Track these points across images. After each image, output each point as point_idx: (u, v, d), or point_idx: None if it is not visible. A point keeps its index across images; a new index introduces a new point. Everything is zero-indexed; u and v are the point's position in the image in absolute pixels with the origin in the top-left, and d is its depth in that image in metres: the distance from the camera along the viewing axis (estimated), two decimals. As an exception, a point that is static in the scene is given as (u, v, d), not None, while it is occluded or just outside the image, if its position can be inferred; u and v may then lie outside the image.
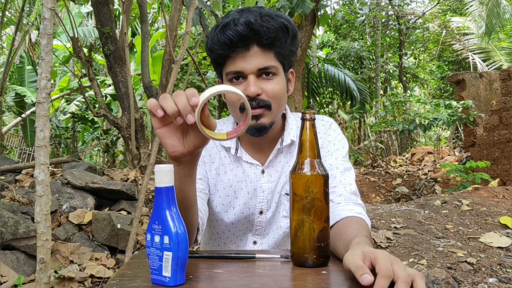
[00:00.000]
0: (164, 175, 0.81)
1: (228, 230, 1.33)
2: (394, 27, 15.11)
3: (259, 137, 1.24)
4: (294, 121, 1.31)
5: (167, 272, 0.81)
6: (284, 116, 1.32)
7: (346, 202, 1.20)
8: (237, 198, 1.30)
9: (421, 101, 8.90)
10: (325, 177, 0.96)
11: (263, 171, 1.29)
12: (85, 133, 10.88)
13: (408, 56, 16.69)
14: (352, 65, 14.68)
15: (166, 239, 0.80)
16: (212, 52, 1.18)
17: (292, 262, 0.98)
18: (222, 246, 1.37)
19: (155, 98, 0.85)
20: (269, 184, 1.29)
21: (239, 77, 1.17)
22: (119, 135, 7.22)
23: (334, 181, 1.22)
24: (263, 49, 1.15)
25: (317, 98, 12.12)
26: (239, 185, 1.30)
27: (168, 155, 0.90)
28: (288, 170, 1.28)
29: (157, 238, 0.82)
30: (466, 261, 3.16)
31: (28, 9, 9.91)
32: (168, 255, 0.80)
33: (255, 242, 1.33)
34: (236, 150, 1.29)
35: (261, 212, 1.30)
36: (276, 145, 1.29)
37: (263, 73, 1.17)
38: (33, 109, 9.03)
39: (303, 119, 0.97)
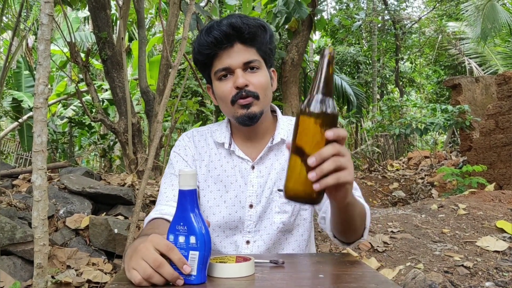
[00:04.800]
0: (188, 179, 0.85)
1: (218, 226, 1.34)
2: (391, 32, 15.17)
3: (250, 127, 1.31)
4: (286, 122, 1.41)
5: (193, 270, 0.84)
6: (276, 118, 1.41)
7: None
8: (227, 192, 1.34)
9: (417, 105, 8.94)
10: (334, 117, 0.88)
11: (253, 167, 1.34)
12: (82, 138, 10.87)
13: (404, 60, 16.76)
14: (348, 70, 14.74)
15: (192, 239, 0.84)
16: (200, 53, 1.28)
17: (284, 195, 0.90)
18: (213, 246, 1.37)
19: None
20: (258, 179, 1.33)
21: (226, 74, 1.27)
22: (116, 139, 7.22)
23: None
24: (245, 46, 1.26)
25: (314, 103, 12.11)
26: (229, 180, 1.34)
27: None
28: (277, 167, 1.34)
29: (181, 239, 0.85)
30: (463, 265, 3.17)
31: (25, 14, 9.92)
32: (194, 254, 0.84)
33: (248, 242, 1.33)
34: (230, 145, 1.36)
35: (251, 206, 1.32)
36: (268, 143, 1.36)
37: (248, 67, 1.27)
38: (30, 114, 9.01)
39: (321, 56, 0.90)
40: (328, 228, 1.21)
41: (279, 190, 1.32)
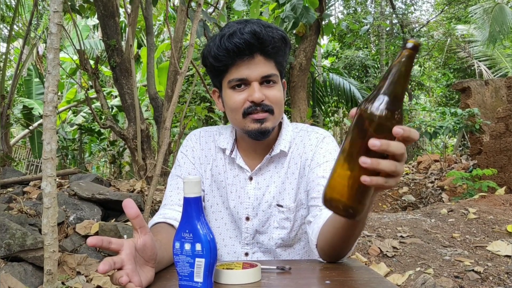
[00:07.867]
0: (193, 186, 0.84)
1: (219, 234, 1.33)
2: (399, 36, 15.12)
3: (259, 141, 1.27)
4: (290, 132, 1.33)
5: (199, 277, 0.84)
6: (280, 126, 1.34)
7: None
8: (228, 200, 1.32)
9: (426, 109, 8.89)
10: (383, 119, 0.74)
11: (250, 178, 1.31)
12: (92, 144, 10.96)
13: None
14: (357, 74, 14.69)
15: (198, 246, 0.84)
16: (217, 60, 1.20)
17: (325, 205, 0.81)
18: None
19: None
20: (255, 191, 1.30)
21: (241, 84, 1.21)
22: (126, 146, 7.26)
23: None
24: (266, 58, 1.21)
25: (323, 107, 12.12)
26: (229, 188, 1.32)
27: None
28: (277, 181, 1.29)
29: (187, 246, 0.85)
30: (473, 270, 3.14)
31: (35, 22, 10.04)
32: (200, 262, 0.84)
33: (246, 254, 1.31)
34: (231, 151, 1.32)
35: (247, 218, 1.30)
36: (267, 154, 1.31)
37: (265, 80, 1.22)
38: (40, 121, 9.10)
39: (402, 47, 0.77)
40: (315, 234, 1.13)
41: (278, 205, 1.28)
